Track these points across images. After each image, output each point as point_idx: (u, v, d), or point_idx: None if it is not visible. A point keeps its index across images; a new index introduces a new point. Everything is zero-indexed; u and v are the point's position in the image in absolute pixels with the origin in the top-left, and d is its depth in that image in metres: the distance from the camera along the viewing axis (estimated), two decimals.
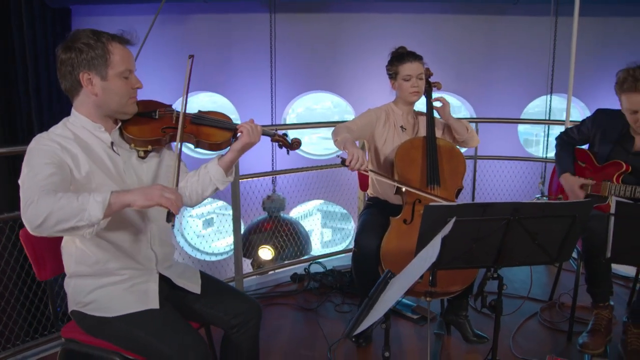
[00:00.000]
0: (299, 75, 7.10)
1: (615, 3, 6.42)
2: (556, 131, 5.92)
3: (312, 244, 6.02)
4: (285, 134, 1.96)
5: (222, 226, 5.76)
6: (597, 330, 2.42)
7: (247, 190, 4.45)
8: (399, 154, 2.56)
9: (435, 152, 2.55)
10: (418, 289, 2.18)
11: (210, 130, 1.80)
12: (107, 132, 1.66)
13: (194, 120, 1.80)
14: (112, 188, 1.61)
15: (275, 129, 1.94)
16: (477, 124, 4.24)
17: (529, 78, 6.81)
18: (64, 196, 1.37)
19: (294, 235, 5.43)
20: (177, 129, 1.69)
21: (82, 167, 1.57)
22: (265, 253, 5.29)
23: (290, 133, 1.99)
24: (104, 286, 1.65)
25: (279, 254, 5.29)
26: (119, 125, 1.69)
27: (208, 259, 7.57)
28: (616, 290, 2.53)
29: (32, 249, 1.70)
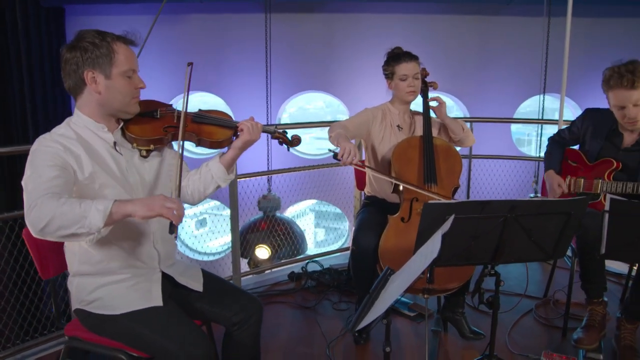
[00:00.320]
0: (293, 75, 7.12)
1: (607, 4, 6.49)
2: (549, 131, 6.00)
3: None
4: (285, 131, 1.99)
5: (215, 226, 5.76)
6: (592, 325, 2.46)
7: (243, 190, 4.47)
8: (396, 153, 2.59)
9: (432, 151, 2.58)
10: (416, 286, 2.20)
11: (211, 129, 1.82)
12: (110, 132, 1.67)
13: (195, 119, 1.82)
14: (116, 188, 1.62)
15: (275, 127, 1.97)
16: (472, 124, 4.28)
17: (522, 78, 6.86)
18: (67, 202, 1.37)
19: (290, 235, 5.45)
20: (179, 127, 1.71)
21: (86, 168, 1.58)
22: (262, 252, 5.31)
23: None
24: (108, 284, 1.66)
25: (275, 253, 5.30)
26: (120, 125, 1.71)
27: (203, 259, 7.57)
28: (609, 287, 2.56)
29: (36, 248, 1.71)
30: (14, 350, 2.45)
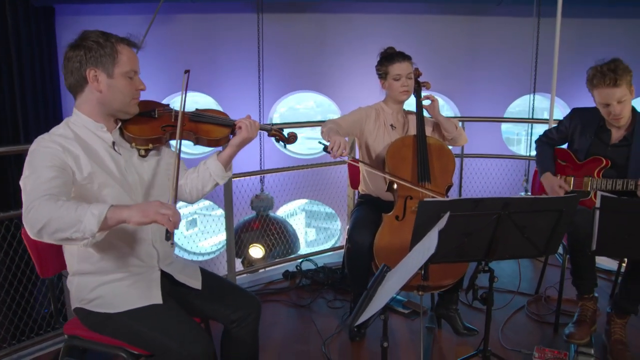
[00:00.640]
0: (285, 75, 7.13)
1: (596, 5, 6.58)
2: (539, 130, 6.07)
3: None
4: (281, 128, 2.01)
5: (205, 227, 5.78)
6: (583, 320, 2.51)
7: (237, 189, 4.48)
8: (390, 152, 2.61)
9: (425, 150, 2.61)
10: (411, 283, 2.21)
11: (209, 127, 1.84)
12: (109, 132, 1.68)
13: (193, 117, 1.84)
14: (115, 188, 1.64)
15: (272, 125, 1.99)
16: (463, 123, 4.32)
17: (512, 78, 6.92)
18: (64, 205, 1.37)
19: (283, 234, 5.47)
20: (177, 126, 1.72)
21: (84, 168, 1.58)
22: (256, 251, 5.33)
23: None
24: (107, 283, 1.67)
25: (269, 252, 5.32)
26: (119, 125, 1.72)
27: (195, 259, 7.55)
28: (599, 284, 2.61)
29: (35, 247, 1.72)
30: (10, 351, 2.45)
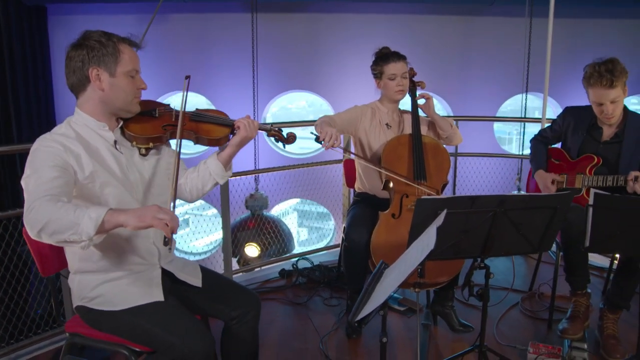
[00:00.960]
0: (279, 75, 7.14)
1: (587, 5, 6.65)
2: (531, 129, 6.13)
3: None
4: (280, 129, 2.03)
5: (197, 227, 5.79)
6: (576, 316, 2.55)
7: (231, 188, 4.48)
8: (386, 151, 2.64)
9: (421, 149, 2.64)
10: (408, 280, 2.25)
11: (209, 127, 1.86)
12: (111, 131, 1.70)
13: (193, 117, 1.85)
14: (117, 187, 1.65)
15: (271, 125, 2.01)
16: (457, 122, 4.35)
17: (504, 77, 6.98)
18: (63, 206, 1.37)
19: (278, 233, 5.49)
20: (177, 126, 1.74)
21: (86, 167, 1.59)
22: (252, 250, 5.34)
23: None
24: (109, 281, 1.69)
25: (265, 251, 5.34)
26: (120, 124, 1.73)
27: (189, 258, 7.54)
28: (592, 280, 2.65)
29: (36, 245, 1.72)
30: (8, 350, 2.45)
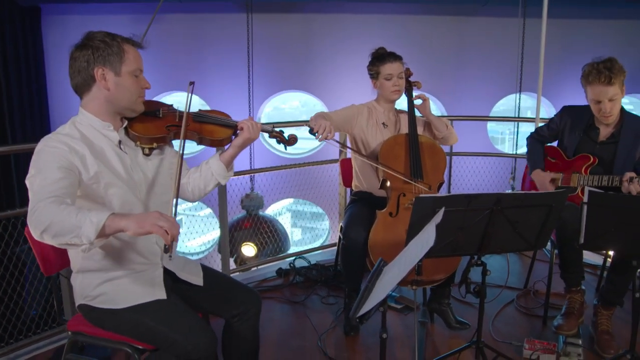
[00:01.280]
0: (274, 75, 7.15)
1: (580, 6, 6.71)
2: (525, 128, 6.18)
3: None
4: (282, 130, 2.05)
5: (191, 227, 5.80)
6: (571, 312, 2.59)
7: (229, 188, 4.50)
8: (383, 151, 2.66)
9: (417, 148, 2.67)
10: (406, 277, 2.28)
11: (212, 128, 1.88)
12: (115, 131, 1.71)
13: (196, 118, 1.87)
14: (121, 188, 1.66)
15: (273, 126, 2.03)
16: (452, 122, 4.38)
17: (498, 77, 7.02)
18: (66, 209, 1.38)
19: (274, 233, 5.51)
20: (181, 126, 1.75)
21: (91, 168, 1.60)
22: (249, 250, 5.36)
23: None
24: (112, 279, 1.70)
25: (262, 250, 5.36)
26: (124, 124, 1.74)
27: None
28: (586, 278, 2.69)
29: (38, 244, 1.73)
30: (7, 350, 2.45)
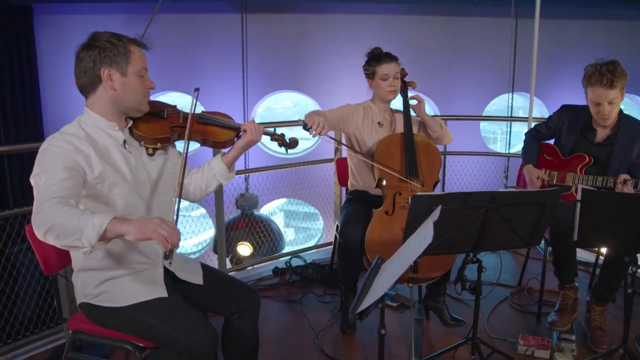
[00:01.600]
0: (268, 75, 7.16)
1: (573, 6, 6.77)
2: (517, 128, 6.23)
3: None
4: (283, 133, 2.08)
5: (184, 227, 5.80)
6: (564, 309, 2.63)
7: (222, 189, 4.50)
8: (378, 150, 2.69)
9: (413, 148, 2.69)
10: (402, 275, 2.31)
11: (216, 129, 1.90)
12: (120, 131, 1.72)
13: (200, 120, 1.89)
14: (125, 187, 1.68)
15: (274, 129, 2.05)
16: (446, 122, 4.41)
17: (490, 77, 7.07)
18: (70, 211, 1.38)
19: (269, 232, 5.52)
20: (185, 127, 1.77)
21: (95, 168, 1.61)
22: (244, 249, 5.38)
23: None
24: (113, 278, 1.71)
25: (257, 249, 5.37)
26: (129, 124, 1.76)
27: None
28: (579, 274, 2.73)
29: (39, 243, 1.73)
30: (5, 350, 2.45)
